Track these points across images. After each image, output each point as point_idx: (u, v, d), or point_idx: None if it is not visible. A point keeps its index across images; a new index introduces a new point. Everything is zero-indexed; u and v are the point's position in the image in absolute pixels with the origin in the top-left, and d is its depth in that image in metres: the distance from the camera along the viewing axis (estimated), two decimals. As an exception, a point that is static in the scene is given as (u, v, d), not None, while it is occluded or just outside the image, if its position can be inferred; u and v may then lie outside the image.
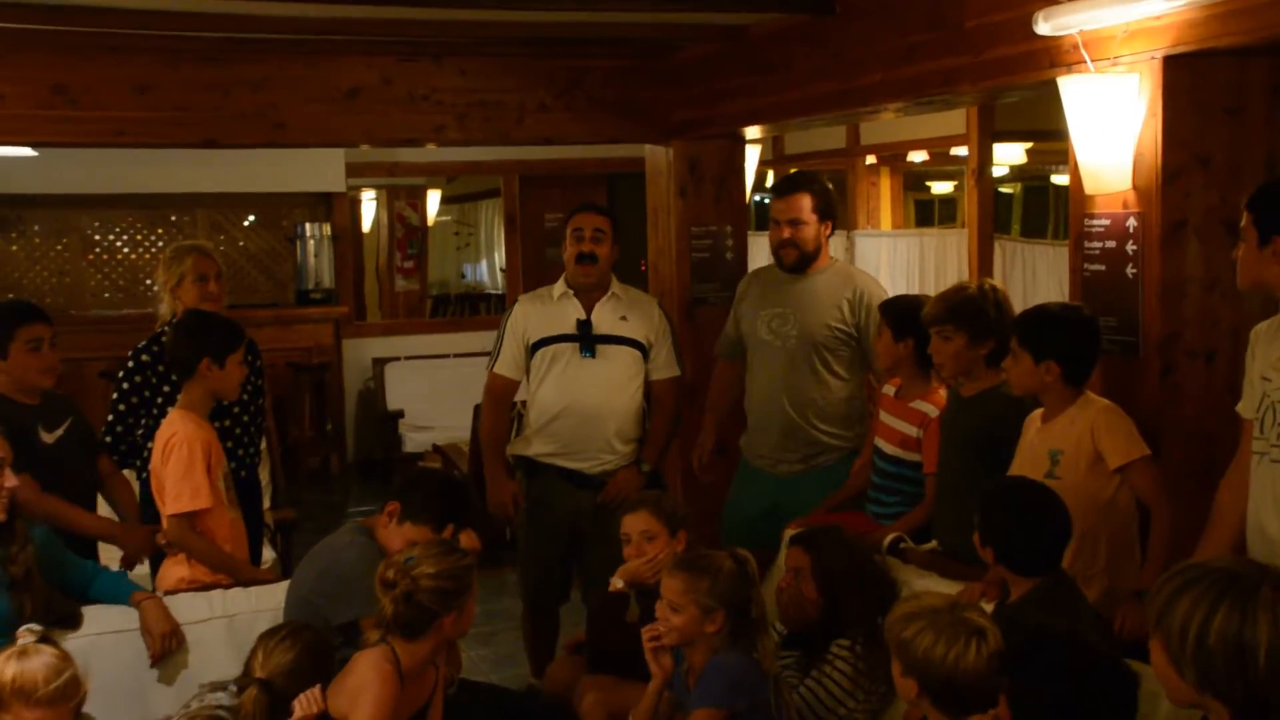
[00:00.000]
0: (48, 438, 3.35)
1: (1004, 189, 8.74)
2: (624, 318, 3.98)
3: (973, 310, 3.09)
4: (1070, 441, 2.80)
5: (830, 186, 3.94)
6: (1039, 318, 2.89)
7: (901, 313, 3.41)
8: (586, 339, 3.92)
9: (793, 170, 8.45)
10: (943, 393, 3.34)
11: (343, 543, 2.96)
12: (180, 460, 3.20)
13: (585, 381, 3.91)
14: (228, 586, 3.21)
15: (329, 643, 2.68)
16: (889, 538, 3.23)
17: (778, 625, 3.03)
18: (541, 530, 3.98)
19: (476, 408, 5.11)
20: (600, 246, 3.93)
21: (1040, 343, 2.82)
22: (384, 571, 2.53)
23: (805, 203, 3.79)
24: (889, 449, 3.44)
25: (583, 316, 3.94)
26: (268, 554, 4.73)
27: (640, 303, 4.06)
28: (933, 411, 3.33)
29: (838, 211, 4.03)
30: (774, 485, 3.90)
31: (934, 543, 3.23)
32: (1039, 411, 2.93)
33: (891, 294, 3.85)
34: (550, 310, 3.97)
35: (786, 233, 3.80)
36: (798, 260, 3.83)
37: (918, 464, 3.35)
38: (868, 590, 2.94)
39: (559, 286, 4.00)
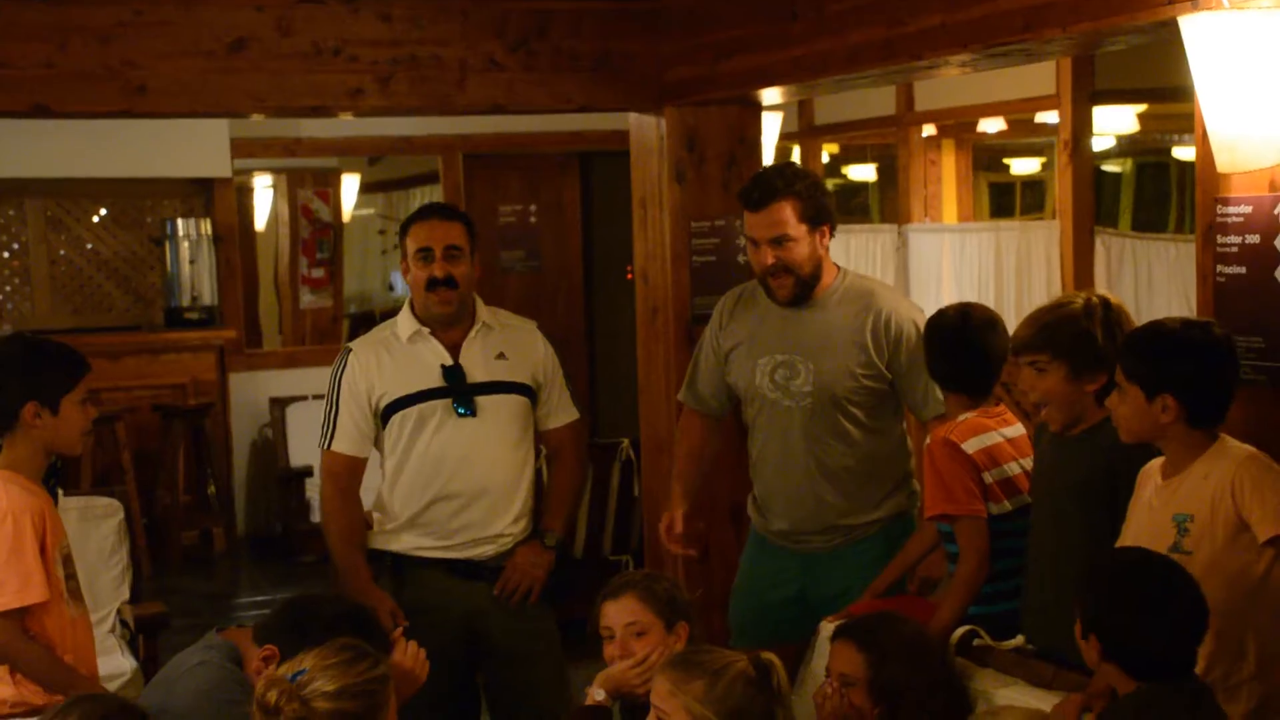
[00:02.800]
0: None
1: (1108, 167, 8.77)
2: (501, 355, 3.92)
3: (1074, 333, 3.08)
4: (1203, 504, 2.78)
5: (814, 175, 3.88)
6: (1150, 339, 2.88)
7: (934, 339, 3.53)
8: (460, 392, 3.85)
9: (829, 147, 8.47)
10: (963, 418, 3.40)
11: (187, 665, 2.91)
12: (3, 540, 3.16)
13: (468, 449, 3.85)
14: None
15: None
16: (959, 632, 3.22)
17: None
18: (424, 647, 3.88)
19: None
20: (457, 266, 3.84)
21: (1152, 372, 2.81)
22: (264, 693, 2.47)
23: (788, 212, 3.69)
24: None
25: (449, 361, 3.87)
26: (126, 663, 4.71)
27: (517, 333, 4.01)
28: (928, 442, 3.43)
29: (879, 198, 4.02)
30: (799, 565, 3.88)
31: (1020, 638, 3.21)
32: (1157, 462, 2.91)
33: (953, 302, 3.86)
34: (402, 358, 3.89)
35: (770, 256, 3.72)
36: (796, 290, 3.76)
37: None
38: (938, 703, 2.93)
39: (406, 322, 3.92)
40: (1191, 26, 2.94)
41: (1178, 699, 2.49)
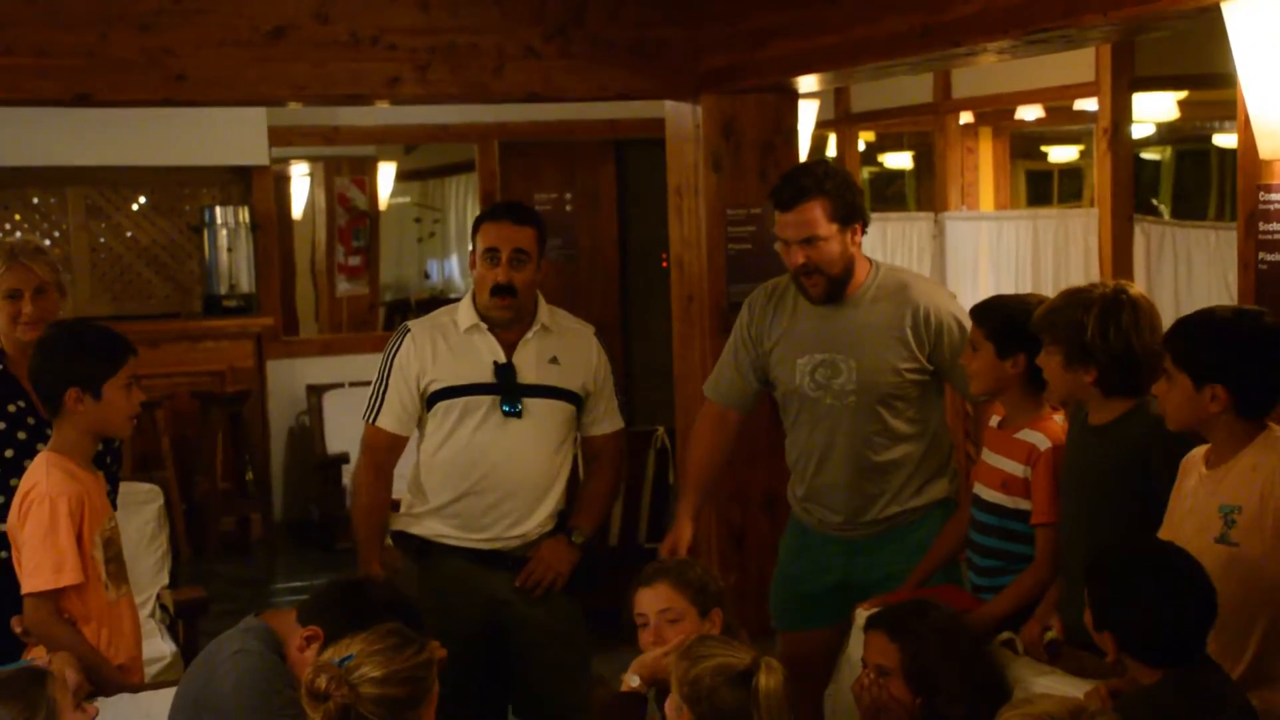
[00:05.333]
0: None
1: (1148, 154, 8.71)
2: (554, 360, 3.92)
3: (1069, 321, 3.08)
4: (1252, 495, 2.75)
5: (845, 173, 3.84)
6: (1200, 328, 2.86)
7: (1008, 322, 3.40)
8: (510, 391, 3.86)
9: (866, 135, 8.44)
10: (1058, 419, 3.35)
11: (226, 652, 2.91)
12: (40, 523, 3.21)
13: (508, 448, 3.85)
14: (90, 695, 3.13)
15: None
16: (1002, 637, 3.22)
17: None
18: (446, 635, 3.86)
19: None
20: (521, 271, 3.83)
21: (1202, 361, 2.79)
22: (314, 679, 2.49)
23: (818, 213, 3.67)
24: (988, 495, 3.44)
25: (502, 359, 3.87)
26: (165, 646, 4.75)
27: (573, 337, 4.00)
28: (1043, 443, 3.33)
29: (916, 185, 3.99)
30: (843, 550, 3.88)
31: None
32: (1200, 451, 2.89)
33: (992, 293, 3.82)
34: (456, 348, 3.89)
35: (801, 256, 3.71)
36: (828, 289, 3.75)
37: (1026, 514, 3.35)
38: (975, 688, 2.95)
39: (465, 313, 3.92)
40: (1234, 12, 2.92)
41: (1192, 686, 2.51)
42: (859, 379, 3.74)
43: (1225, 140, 7.85)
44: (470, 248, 3.96)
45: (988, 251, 7.04)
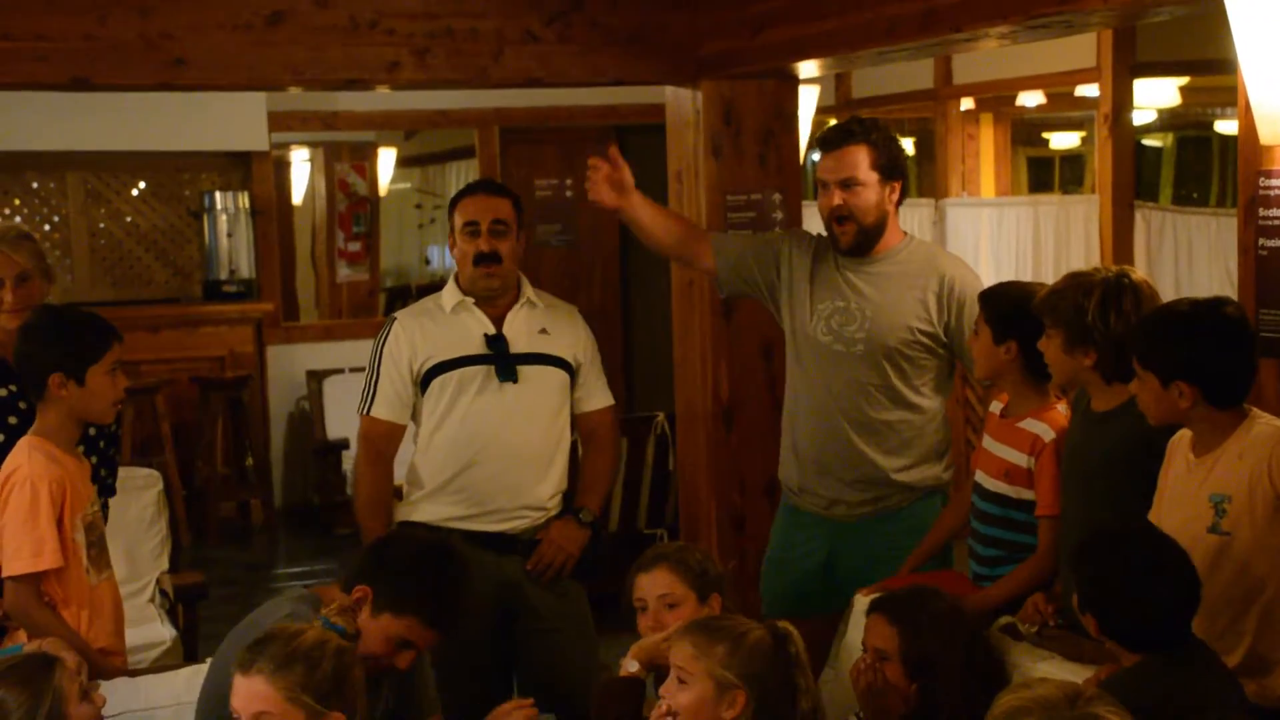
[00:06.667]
0: None
1: (1149, 141, 8.71)
2: (544, 330, 3.97)
3: (1072, 305, 3.10)
4: (1240, 484, 2.76)
5: (894, 135, 3.90)
6: (1157, 326, 2.87)
7: (1005, 308, 3.42)
8: (503, 359, 3.89)
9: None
10: (1062, 409, 3.36)
11: (279, 615, 2.94)
12: (20, 506, 3.22)
13: (506, 415, 3.88)
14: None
15: None
16: (1002, 621, 3.24)
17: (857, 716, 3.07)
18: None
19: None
20: (503, 241, 3.90)
21: (1163, 360, 2.79)
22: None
23: (861, 157, 3.75)
24: (990, 484, 3.45)
25: (492, 330, 3.91)
26: (165, 631, 4.77)
27: (560, 312, 4.06)
28: (1047, 434, 3.34)
29: (917, 172, 4.00)
30: (828, 532, 3.89)
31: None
32: (1187, 433, 2.90)
33: (994, 281, 3.83)
34: (445, 326, 3.93)
35: (838, 198, 3.77)
36: (857, 239, 3.80)
37: (1029, 504, 3.36)
38: (973, 677, 2.96)
39: (450, 294, 3.97)
40: (1235, -4, 2.92)
41: (1175, 666, 2.53)
42: (870, 328, 3.78)
43: (1227, 126, 7.85)
44: (449, 231, 4.00)
45: (988, 238, 7.05)
